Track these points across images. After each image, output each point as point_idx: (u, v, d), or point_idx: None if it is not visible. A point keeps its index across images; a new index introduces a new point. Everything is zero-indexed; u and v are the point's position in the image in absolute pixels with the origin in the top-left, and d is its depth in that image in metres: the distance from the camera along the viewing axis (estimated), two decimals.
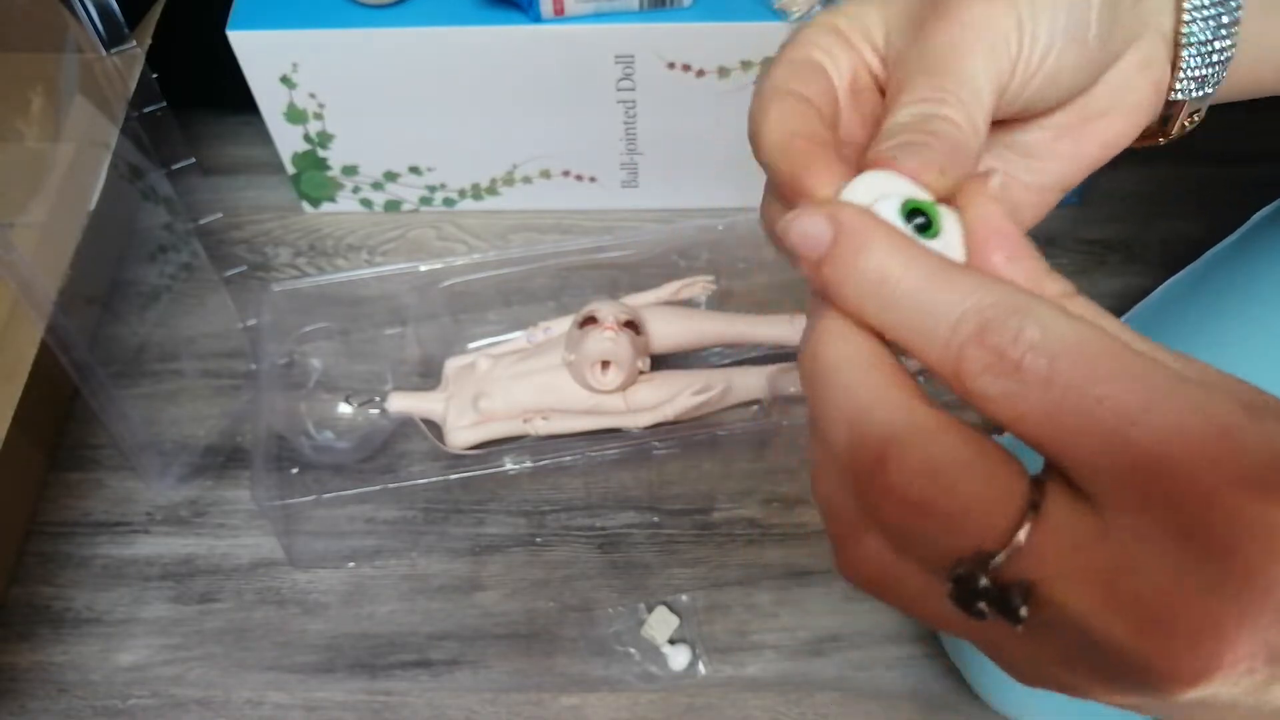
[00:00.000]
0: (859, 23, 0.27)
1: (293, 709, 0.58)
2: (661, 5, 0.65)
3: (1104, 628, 0.18)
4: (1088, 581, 0.18)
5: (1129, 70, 0.28)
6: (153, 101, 0.61)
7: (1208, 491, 0.17)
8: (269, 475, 0.59)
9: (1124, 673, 0.18)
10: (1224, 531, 0.17)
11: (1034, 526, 0.18)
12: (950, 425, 0.19)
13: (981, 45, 0.24)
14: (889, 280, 0.20)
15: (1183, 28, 0.27)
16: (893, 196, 0.22)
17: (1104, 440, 0.18)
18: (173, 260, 0.72)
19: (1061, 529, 0.18)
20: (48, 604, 0.62)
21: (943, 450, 0.19)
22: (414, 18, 0.66)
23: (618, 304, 0.64)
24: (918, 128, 0.23)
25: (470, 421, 0.63)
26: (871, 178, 0.23)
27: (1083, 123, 0.28)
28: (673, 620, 0.60)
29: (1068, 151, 0.28)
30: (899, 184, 0.22)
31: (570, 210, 0.79)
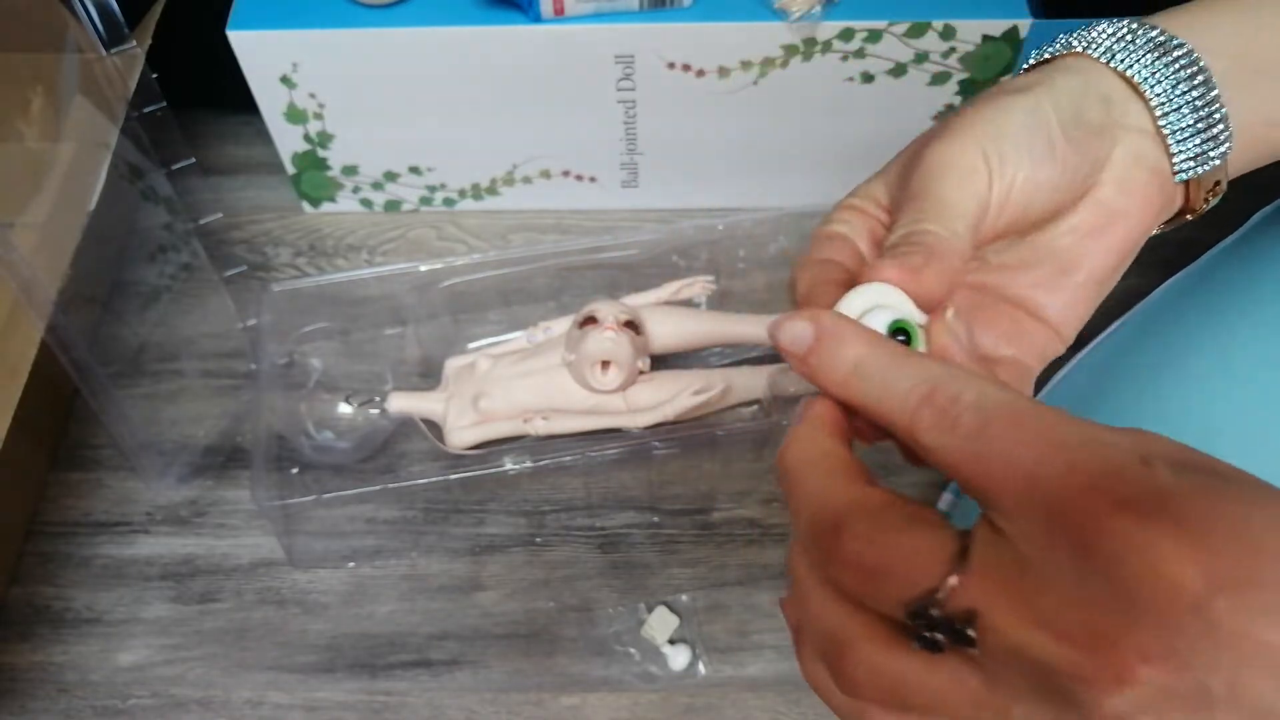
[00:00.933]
0: (867, 195, 0.34)
1: (293, 709, 0.58)
2: (661, 5, 0.65)
3: (1034, 644, 0.20)
4: (1014, 605, 0.21)
5: (1124, 166, 0.31)
6: (153, 101, 0.61)
7: (1098, 516, 0.20)
8: (269, 475, 0.59)
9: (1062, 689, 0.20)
10: (1111, 550, 0.20)
11: (964, 567, 0.22)
12: (891, 501, 0.24)
13: (952, 174, 0.30)
14: (861, 364, 0.26)
15: (1159, 120, 0.31)
16: (884, 310, 0.28)
17: (1022, 480, 0.21)
18: (173, 260, 0.72)
19: (987, 565, 0.21)
20: (48, 604, 0.62)
21: (885, 520, 0.23)
22: (414, 18, 0.66)
23: (618, 304, 0.64)
24: (903, 241, 0.29)
25: (470, 421, 0.63)
26: (861, 290, 0.28)
27: (1105, 222, 0.32)
28: (673, 620, 0.60)
29: (1098, 249, 0.32)
30: (890, 296, 0.28)
31: (570, 210, 0.79)
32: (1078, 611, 0.20)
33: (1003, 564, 0.21)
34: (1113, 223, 0.32)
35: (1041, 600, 0.20)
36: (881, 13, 0.65)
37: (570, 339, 0.62)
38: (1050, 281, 0.32)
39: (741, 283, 0.72)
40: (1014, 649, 0.21)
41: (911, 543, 0.22)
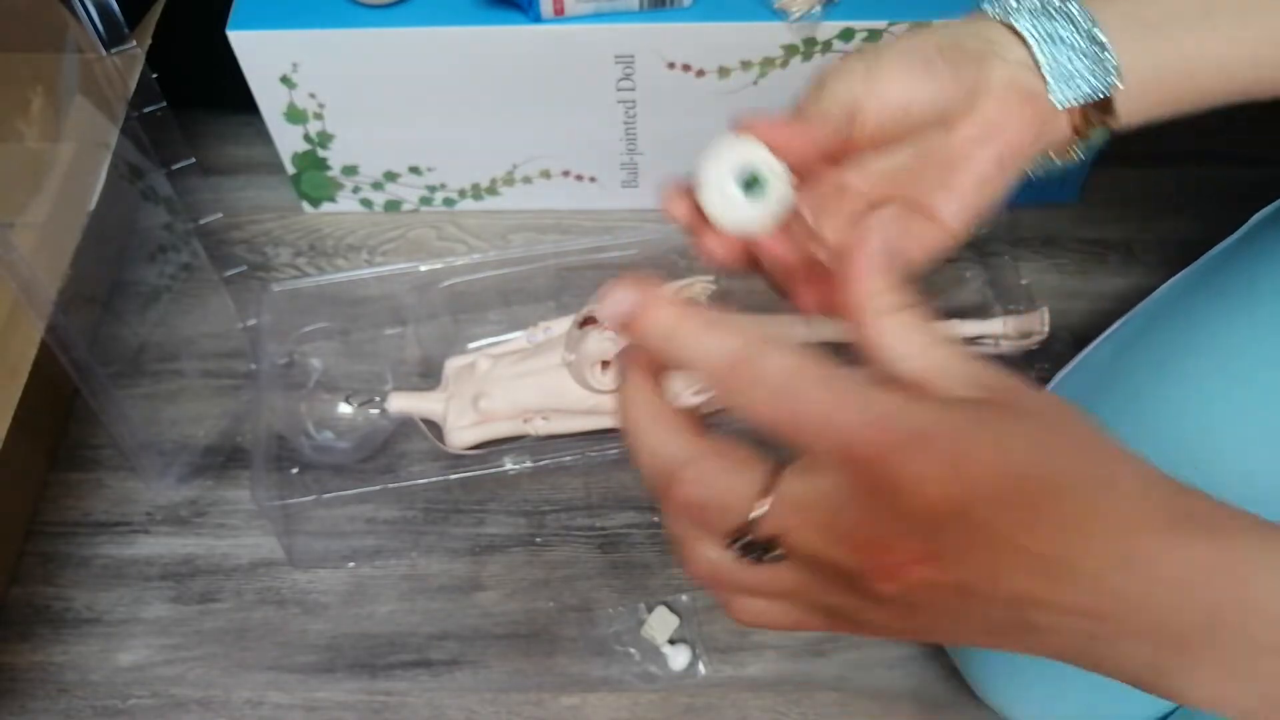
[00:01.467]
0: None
1: (293, 709, 0.58)
2: (661, 5, 0.65)
3: (833, 554, 0.26)
4: (817, 526, 0.26)
5: (1003, 89, 0.36)
6: (153, 101, 0.61)
7: (873, 455, 0.25)
8: (269, 475, 0.59)
9: (857, 584, 0.26)
10: (890, 478, 0.24)
11: (772, 500, 0.27)
12: (708, 450, 0.29)
13: (833, 74, 0.36)
14: (674, 333, 0.29)
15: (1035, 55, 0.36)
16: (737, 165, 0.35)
17: (814, 428, 0.26)
18: (173, 260, 0.72)
19: (794, 496, 0.27)
20: (48, 604, 0.62)
21: (703, 468, 0.28)
22: (414, 18, 0.66)
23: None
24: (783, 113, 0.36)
25: (470, 421, 0.63)
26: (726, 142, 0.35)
27: (986, 133, 0.36)
28: (673, 620, 0.60)
29: (982, 155, 0.36)
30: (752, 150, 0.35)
31: (570, 210, 0.79)
32: (866, 528, 0.25)
33: (807, 494, 0.26)
34: (993, 134, 0.36)
35: (838, 521, 0.26)
36: (881, 13, 0.65)
37: (570, 339, 0.62)
38: (940, 180, 0.37)
39: (741, 283, 0.72)
40: (817, 558, 0.27)
41: (726, 484, 0.28)
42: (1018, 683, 0.51)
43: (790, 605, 0.30)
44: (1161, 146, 0.80)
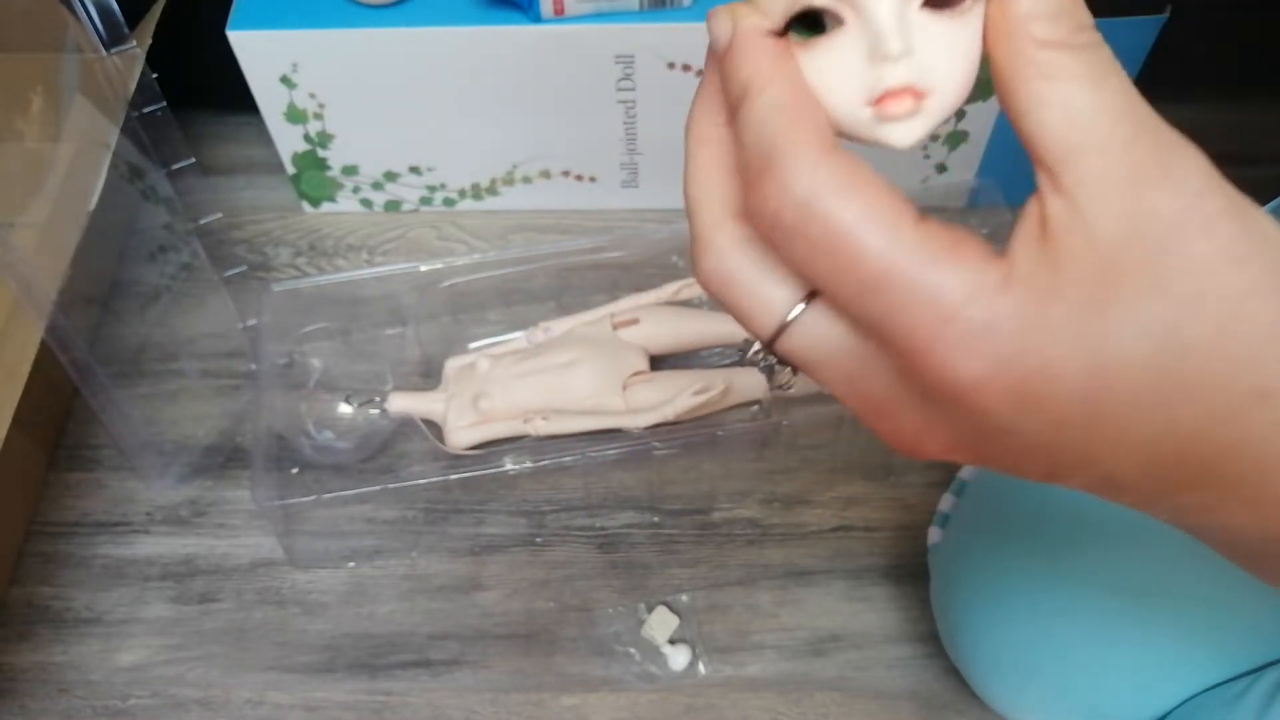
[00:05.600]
0: None
1: (293, 709, 0.58)
2: (661, 5, 0.65)
3: (852, 405, 0.24)
4: (834, 373, 0.24)
5: None
6: (153, 101, 0.61)
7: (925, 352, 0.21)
8: (269, 475, 0.59)
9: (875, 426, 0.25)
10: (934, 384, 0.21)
11: (789, 332, 0.24)
12: (743, 241, 0.24)
13: None
14: (749, 93, 0.23)
15: None
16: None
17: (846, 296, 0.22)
18: (173, 260, 0.72)
19: (810, 338, 0.24)
20: (48, 604, 0.62)
21: (729, 263, 0.24)
22: (414, 18, 0.66)
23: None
24: None
25: (470, 422, 0.63)
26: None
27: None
28: (673, 620, 0.60)
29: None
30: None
31: (570, 210, 0.79)
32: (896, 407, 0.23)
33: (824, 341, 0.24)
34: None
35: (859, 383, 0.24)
36: None
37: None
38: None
39: None
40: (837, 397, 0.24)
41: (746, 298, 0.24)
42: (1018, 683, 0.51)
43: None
44: None
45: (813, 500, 0.65)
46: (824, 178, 0.21)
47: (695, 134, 0.25)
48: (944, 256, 0.21)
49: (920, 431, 0.23)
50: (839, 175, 0.21)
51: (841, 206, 0.21)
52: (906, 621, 0.61)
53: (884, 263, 0.21)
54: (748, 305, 0.24)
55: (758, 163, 0.22)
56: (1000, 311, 0.21)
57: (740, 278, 0.24)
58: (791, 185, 0.21)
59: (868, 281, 0.21)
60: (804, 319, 0.24)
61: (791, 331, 0.24)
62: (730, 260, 0.24)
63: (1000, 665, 0.52)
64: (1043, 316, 0.21)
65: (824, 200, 0.21)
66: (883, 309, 0.21)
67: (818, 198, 0.21)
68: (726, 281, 0.24)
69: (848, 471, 0.66)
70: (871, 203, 0.21)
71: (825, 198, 0.21)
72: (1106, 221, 0.20)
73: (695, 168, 0.25)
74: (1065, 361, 0.21)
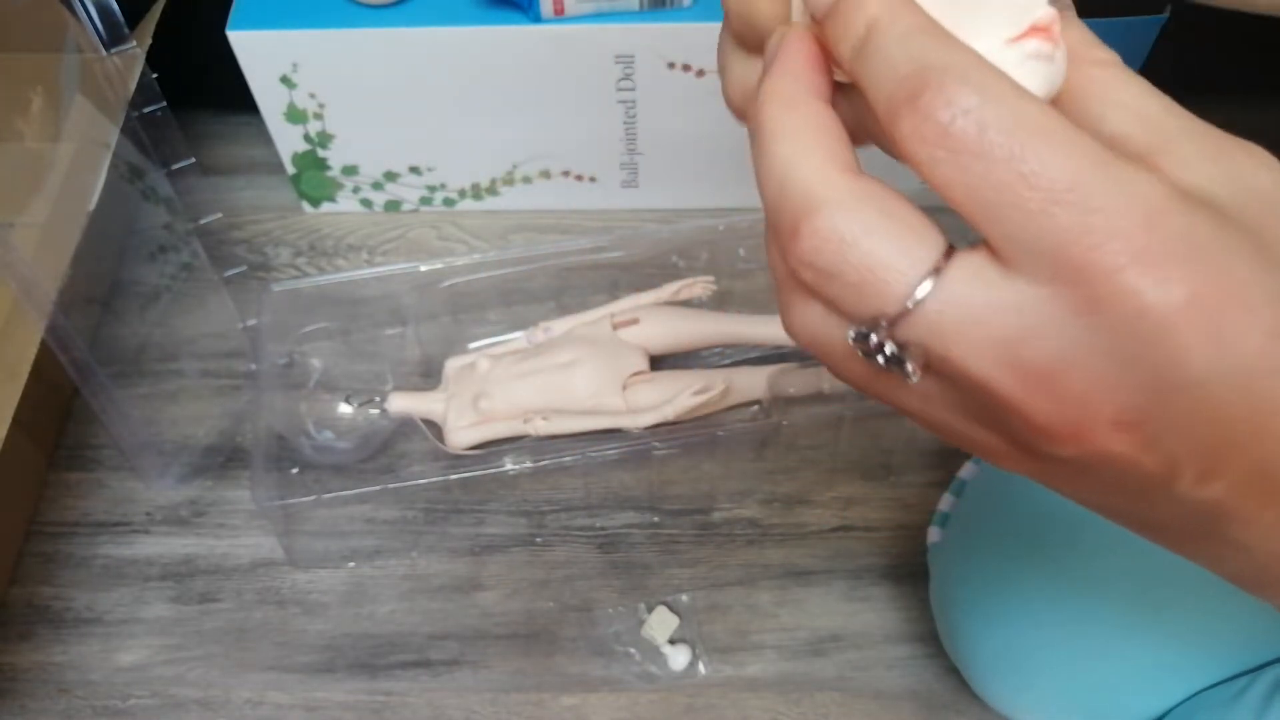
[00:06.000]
0: None
1: (293, 709, 0.58)
2: (661, 5, 0.65)
3: (999, 387, 0.20)
4: (984, 345, 0.20)
5: None
6: (153, 101, 0.61)
7: (1116, 270, 0.18)
8: (269, 475, 0.59)
9: (1015, 429, 0.20)
10: (1124, 311, 0.18)
11: (930, 294, 0.20)
12: (864, 194, 0.21)
13: None
14: (875, 31, 0.21)
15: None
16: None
17: (1025, 216, 0.19)
18: (173, 260, 0.72)
19: (961, 297, 0.20)
20: (48, 604, 0.62)
21: (850, 219, 0.20)
22: (414, 18, 0.66)
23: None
24: None
25: (470, 422, 0.63)
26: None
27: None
28: (673, 620, 0.60)
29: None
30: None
31: (570, 210, 0.79)
32: (1062, 368, 0.19)
33: (981, 300, 0.20)
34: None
35: (1023, 348, 0.19)
36: None
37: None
38: None
39: (742, 283, 0.72)
40: (973, 383, 0.20)
41: (884, 250, 0.20)
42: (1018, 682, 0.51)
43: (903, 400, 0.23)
44: None
45: (813, 500, 0.65)
46: (995, 83, 0.19)
47: (778, 100, 0.22)
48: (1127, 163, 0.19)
49: (1091, 394, 0.19)
50: (1009, 83, 0.19)
51: (1024, 110, 0.19)
52: (906, 621, 0.61)
53: (1073, 168, 0.18)
54: (871, 270, 0.20)
55: (912, 83, 0.19)
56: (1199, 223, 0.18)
57: (864, 235, 0.20)
58: (960, 96, 0.19)
59: (1054, 194, 0.18)
60: (952, 274, 0.20)
61: (939, 291, 0.20)
62: (849, 215, 0.20)
63: (1000, 665, 0.52)
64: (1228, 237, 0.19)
65: (1005, 102, 0.19)
66: (1066, 226, 0.18)
67: (996, 99, 0.19)
68: (845, 243, 0.20)
69: (848, 471, 0.66)
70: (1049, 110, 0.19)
71: (1006, 99, 0.19)
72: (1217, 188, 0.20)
73: (785, 130, 0.22)
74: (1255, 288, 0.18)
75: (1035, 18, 0.21)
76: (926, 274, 0.20)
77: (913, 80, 0.20)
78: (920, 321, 0.20)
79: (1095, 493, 0.22)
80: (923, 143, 0.19)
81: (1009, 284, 0.19)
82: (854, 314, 0.21)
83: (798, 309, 0.23)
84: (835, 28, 0.22)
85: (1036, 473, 0.22)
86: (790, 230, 0.21)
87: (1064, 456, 0.20)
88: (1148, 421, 0.19)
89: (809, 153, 0.21)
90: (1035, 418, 0.20)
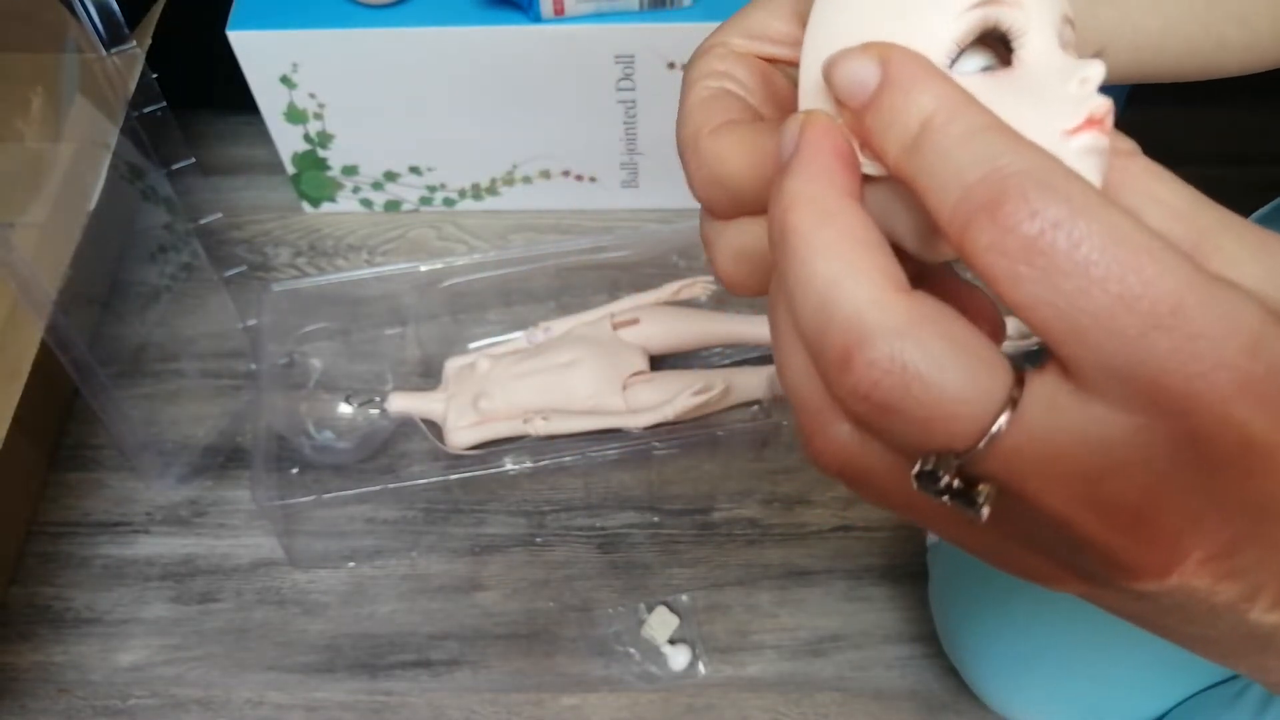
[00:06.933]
0: (751, 27, 0.29)
1: (293, 709, 0.58)
2: (661, 5, 0.65)
3: (1079, 523, 0.18)
4: (1065, 480, 0.18)
5: None
6: (153, 101, 0.61)
7: (1222, 402, 0.17)
8: (269, 475, 0.59)
9: (1087, 562, 0.19)
10: (1228, 444, 0.17)
11: (1008, 428, 0.18)
12: (924, 319, 0.18)
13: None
14: (932, 128, 0.19)
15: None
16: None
17: (1121, 343, 0.17)
18: (173, 260, 0.72)
19: (1040, 429, 0.18)
20: (48, 604, 0.62)
21: (912, 349, 0.18)
22: (414, 18, 0.66)
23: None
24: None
25: (470, 422, 0.63)
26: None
27: None
28: (673, 620, 0.60)
29: None
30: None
31: (570, 210, 0.79)
32: (1150, 502, 0.18)
33: (1060, 431, 0.18)
34: None
35: (1108, 483, 0.18)
36: None
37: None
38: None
39: None
40: (1051, 523, 0.18)
41: (943, 390, 0.18)
42: (1017, 683, 0.51)
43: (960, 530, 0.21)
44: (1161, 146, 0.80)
45: (813, 500, 0.65)
46: (1082, 192, 0.17)
47: (810, 206, 0.20)
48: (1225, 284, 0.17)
49: (1183, 531, 0.18)
50: (1094, 191, 0.18)
51: (1117, 224, 0.17)
52: (906, 621, 0.61)
53: (1175, 289, 0.17)
54: (940, 404, 0.18)
55: (988, 190, 0.18)
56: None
57: (930, 367, 0.18)
58: (1048, 206, 0.17)
59: (1156, 318, 0.17)
60: (1029, 405, 0.18)
61: (1016, 425, 0.18)
62: (911, 344, 0.18)
63: (999, 665, 0.52)
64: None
65: (1096, 214, 0.17)
66: (1167, 353, 0.17)
67: (1086, 210, 0.17)
68: (909, 374, 0.18)
69: None
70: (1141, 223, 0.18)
71: (1097, 210, 0.17)
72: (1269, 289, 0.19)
73: (823, 244, 0.19)
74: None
75: (1092, 107, 0.19)
76: (1001, 406, 0.18)
77: (988, 187, 0.18)
78: (996, 457, 0.18)
79: (1159, 616, 0.20)
80: (1003, 257, 0.17)
81: (1091, 412, 0.18)
82: (915, 449, 0.19)
83: (830, 433, 0.20)
84: (878, 122, 0.20)
85: (1092, 596, 0.21)
86: (840, 360, 0.19)
87: (1136, 590, 0.19)
88: (1238, 554, 0.18)
89: (855, 271, 0.19)
90: (1118, 555, 0.18)
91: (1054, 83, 0.20)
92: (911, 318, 0.18)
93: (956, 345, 0.18)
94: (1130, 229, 0.17)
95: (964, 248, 0.18)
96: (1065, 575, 0.20)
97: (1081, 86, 0.20)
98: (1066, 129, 0.19)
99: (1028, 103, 0.20)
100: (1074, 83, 0.20)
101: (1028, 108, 0.20)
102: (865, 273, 0.19)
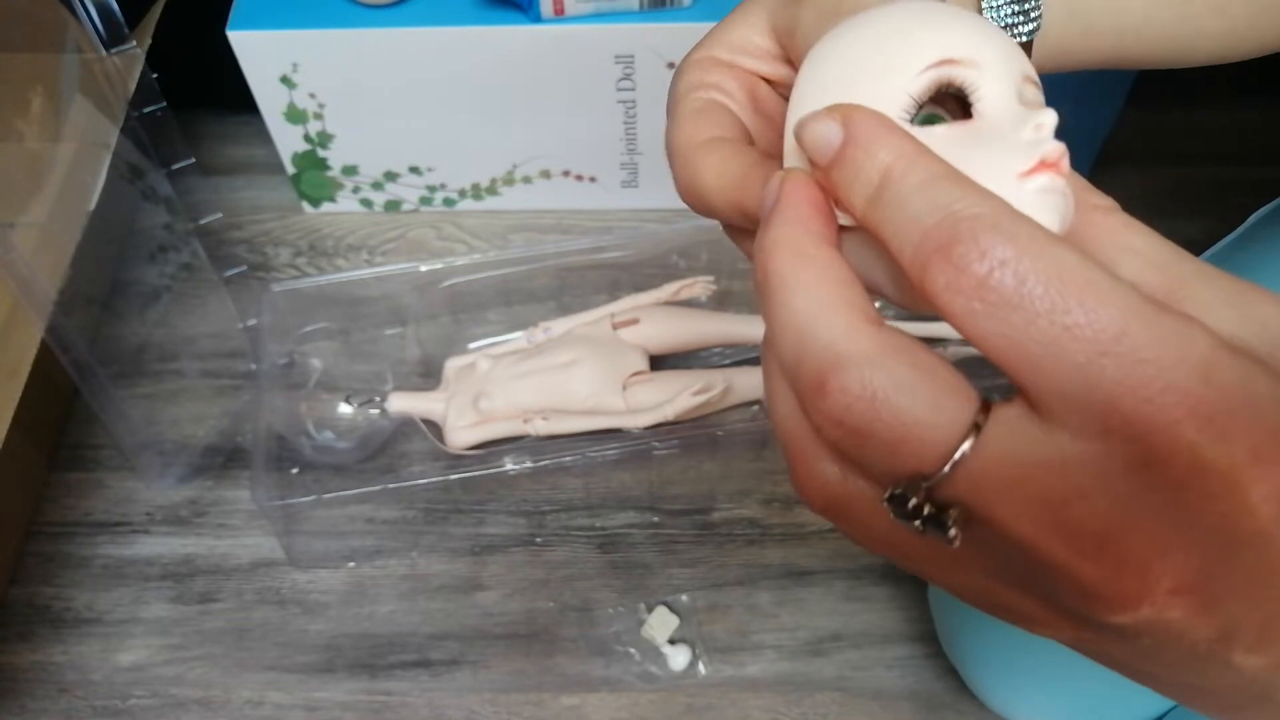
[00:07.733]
0: (733, 41, 0.30)
1: (293, 709, 0.58)
2: (661, 5, 0.65)
3: (1046, 550, 0.19)
4: (1030, 505, 0.19)
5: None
6: (153, 101, 0.61)
7: (1171, 425, 0.17)
8: (269, 475, 0.59)
9: (1062, 594, 0.19)
10: (1181, 467, 0.17)
11: (972, 452, 0.19)
12: (893, 349, 0.20)
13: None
14: (890, 179, 0.20)
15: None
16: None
17: (1071, 370, 0.18)
18: (173, 260, 0.72)
19: (1004, 454, 0.19)
20: (48, 604, 0.62)
21: (882, 376, 0.19)
22: (414, 18, 0.66)
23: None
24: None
25: (470, 422, 0.63)
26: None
27: None
28: (673, 620, 0.60)
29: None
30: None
31: (570, 210, 0.79)
32: (1115, 528, 0.18)
33: (1024, 456, 0.19)
34: None
35: (1072, 508, 0.18)
36: None
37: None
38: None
39: (741, 283, 0.72)
40: (1017, 549, 0.19)
41: (909, 413, 0.19)
42: (1017, 683, 0.51)
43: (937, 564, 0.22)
44: (1161, 146, 0.80)
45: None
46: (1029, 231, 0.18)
47: (788, 250, 0.21)
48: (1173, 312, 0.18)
49: (1148, 556, 0.18)
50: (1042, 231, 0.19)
51: (1062, 259, 0.18)
52: (906, 621, 0.61)
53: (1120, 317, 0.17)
54: (907, 428, 0.19)
55: (942, 233, 0.19)
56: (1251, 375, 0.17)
57: (897, 392, 0.19)
58: (995, 246, 0.18)
59: (1101, 345, 0.17)
60: (992, 430, 0.19)
61: (980, 449, 0.19)
62: (880, 371, 0.19)
63: (999, 665, 0.52)
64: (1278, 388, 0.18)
65: (1042, 251, 0.18)
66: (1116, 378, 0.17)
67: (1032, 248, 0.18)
68: (878, 400, 0.19)
69: None
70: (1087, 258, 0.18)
71: (1043, 247, 0.18)
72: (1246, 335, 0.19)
73: (800, 282, 0.21)
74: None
75: (1044, 151, 0.21)
76: (966, 431, 0.19)
77: (942, 231, 0.19)
78: (962, 481, 0.19)
79: (1142, 660, 0.20)
80: (958, 295, 0.19)
81: (1053, 439, 0.18)
82: (887, 475, 0.20)
83: (815, 468, 0.22)
84: (844, 177, 0.21)
85: (1078, 641, 0.21)
86: (814, 387, 0.20)
87: (1112, 624, 0.19)
88: (1207, 584, 0.18)
89: (829, 306, 0.20)
90: (1086, 582, 0.19)
91: (1009, 130, 0.22)
92: (882, 347, 0.20)
93: (923, 372, 0.19)
94: (1074, 264, 0.18)
95: (925, 288, 0.19)
96: (1052, 617, 0.21)
97: (1036, 132, 0.21)
98: (1021, 171, 0.21)
99: (985, 150, 0.21)
100: (1029, 129, 0.21)
101: (985, 155, 0.21)
102: (838, 307, 0.20)
